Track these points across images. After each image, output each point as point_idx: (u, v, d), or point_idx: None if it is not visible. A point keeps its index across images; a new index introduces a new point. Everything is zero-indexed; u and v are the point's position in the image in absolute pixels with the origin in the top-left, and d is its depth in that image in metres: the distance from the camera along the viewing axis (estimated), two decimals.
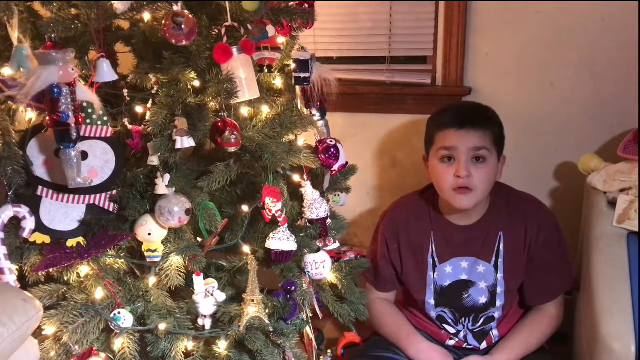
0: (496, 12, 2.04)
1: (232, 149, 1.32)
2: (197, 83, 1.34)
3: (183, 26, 1.25)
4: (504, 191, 1.72)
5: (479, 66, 2.11)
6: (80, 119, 1.19)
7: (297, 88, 1.61)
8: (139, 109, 1.36)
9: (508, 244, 1.67)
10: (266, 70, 1.61)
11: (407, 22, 2.16)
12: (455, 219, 1.70)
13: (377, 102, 2.23)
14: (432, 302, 1.73)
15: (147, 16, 1.32)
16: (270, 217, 1.43)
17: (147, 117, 1.33)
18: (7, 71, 1.22)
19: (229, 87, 1.33)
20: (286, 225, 1.45)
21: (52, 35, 1.14)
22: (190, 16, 1.27)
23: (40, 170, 1.27)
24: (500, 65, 2.08)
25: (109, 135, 1.33)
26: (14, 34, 1.18)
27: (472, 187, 1.56)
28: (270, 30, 1.58)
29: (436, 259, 1.71)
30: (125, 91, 1.33)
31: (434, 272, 1.71)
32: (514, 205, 1.69)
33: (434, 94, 2.15)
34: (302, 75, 1.55)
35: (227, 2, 1.36)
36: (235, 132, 1.32)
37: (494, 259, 1.68)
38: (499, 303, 1.69)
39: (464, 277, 1.70)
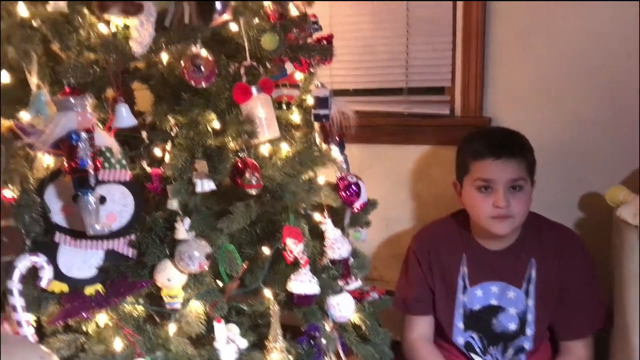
0: (515, 40, 2.02)
1: (253, 191, 1.29)
2: (216, 124, 1.32)
3: (202, 68, 1.23)
4: (535, 217, 1.71)
5: (498, 96, 2.08)
6: (98, 165, 1.16)
7: (316, 123, 1.60)
8: (157, 152, 1.33)
9: (540, 270, 1.65)
10: (284, 107, 1.59)
11: (424, 52, 2.14)
12: (487, 243, 1.69)
13: (394, 133, 2.20)
14: (461, 325, 1.70)
15: (165, 57, 1.30)
16: (292, 259, 1.39)
17: (166, 159, 1.30)
18: (26, 116, 1.20)
19: (249, 128, 1.31)
20: (308, 266, 1.41)
21: (71, 81, 1.12)
22: (210, 58, 1.25)
23: (57, 216, 1.25)
24: (520, 95, 2.05)
25: (127, 178, 1.30)
26: (33, 80, 1.17)
27: (511, 215, 1.56)
28: (289, 67, 1.57)
29: (467, 282, 1.70)
30: (144, 134, 1.31)
31: (463, 295, 1.69)
32: (547, 232, 1.68)
33: (453, 125, 2.12)
34: (322, 112, 1.53)
35: (245, 41, 1.35)
36: (255, 174, 1.29)
37: (524, 284, 1.66)
38: (529, 332, 1.65)
39: (494, 302, 1.68)
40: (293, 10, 1.59)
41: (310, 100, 1.60)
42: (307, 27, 1.62)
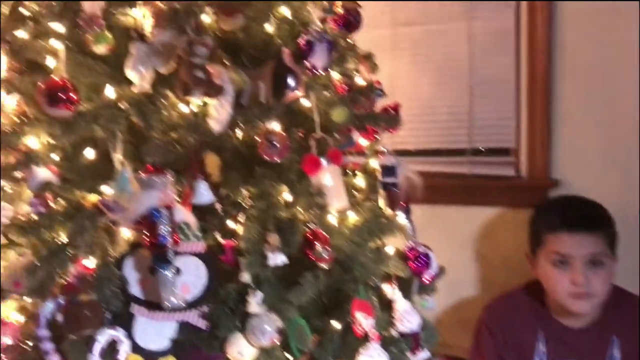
0: (582, 99, 1.98)
1: (324, 265, 1.29)
2: (288, 196, 1.33)
3: (277, 144, 1.26)
4: (617, 291, 1.62)
5: (566, 157, 2.03)
6: (177, 240, 1.19)
7: (379, 186, 1.60)
8: (230, 223, 1.35)
9: (623, 349, 1.56)
10: (350, 174, 1.60)
11: (487, 113, 2.13)
12: (565, 320, 1.62)
13: (457, 195, 2.18)
14: None
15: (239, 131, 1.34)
16: (361, 333, 1.37)
17: (239, 231, 1.32)
18: (109, 191, 1.25)
19: (319, 200, 1.33)
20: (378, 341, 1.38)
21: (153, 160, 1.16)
22: (283, 134, 1.28)
23: (134, 288, 1.27)
24: (588, 156, 1.99)
25: (201, 250, 1.32)
26: (117, 157, 1.22)
27: (591, 293, 1.49)
28: (355, 135, 1.59)
29: None
30: (219, 206, 1.34)
31: None
32: (630, 307, 1.58)
33: (519, 186, 2.08)
34: (390, 180, 1.53)
35: (316, 115, 1.38)
36: (326, 247, 1.29)
37: None
38: None
39: None
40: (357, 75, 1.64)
41: (373, 163, 1.61)
42: (373, 95, 1.65)
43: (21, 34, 1.36)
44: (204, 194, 1.22)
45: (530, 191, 2.05)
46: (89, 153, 1.31)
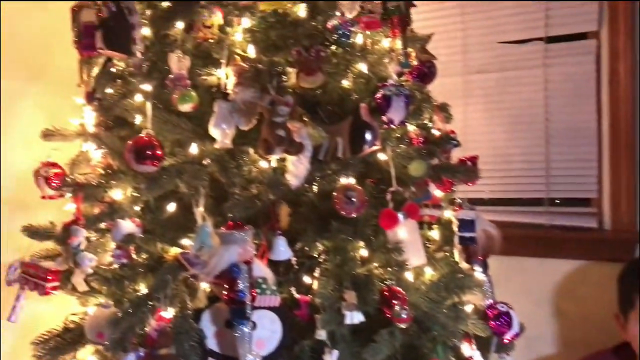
0: None
1: (403, 325, 1.25)
2: (364, 252, 1.31)
3: (354, 200, 1.25)
4: None
5: None
6: (254, 295, 1.19)
7: (456, 240, 1.55)
8: (306, 278, 1.34)
9: None
10: (426, 228, 1.56)
11: (565, 162, 2.04)
12: None
13: (535, 246, 2.08)
14: None
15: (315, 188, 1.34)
16: None
17: (315, 287, 1.31)
18: (189, 243, 1.27)
19: (396, 257, 1.30)
20: None
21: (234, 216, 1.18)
22: (361, 189, 1.27)
23: (211, 342, 1.28)
24: None
25: (276, 304, 1.31)
26: (199, 211, 1.24)
27: None
28: (431, 187, 1.56)
29: None
30: (294, 259, 1.33)
31: None
32: None
33: (602, 239, 1.97)
34: (468, 235, 1.48)
35: (392, 168, 1.37)
36: (405, 306, 1.26)
37: None
38: None
39: None
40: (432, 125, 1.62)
41: (449, 214, 1.57)
42: (449, 146, 1.62)
43: (110, 91, 1.44)
44: (282, 250, 1.22)
45: (615, 244, 1.93)
46: (171, 206, 1.35)
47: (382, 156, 1.39)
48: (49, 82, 1.84)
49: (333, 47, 1.37)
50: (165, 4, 1.34)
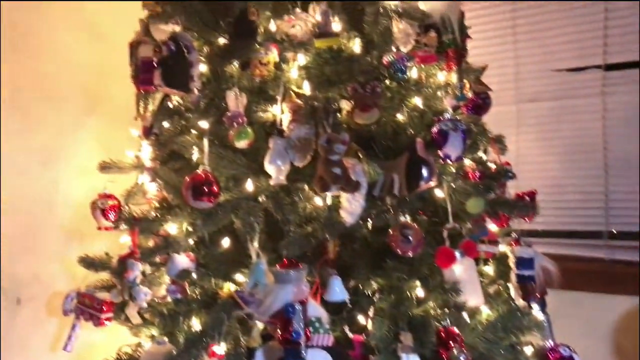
0: None
1: None
2: (420, 292, 1.28)
3: (411, 238, 1.23)
4: None
5: None
6: (308, 334, 1.17)
7: (513, 277, 1.49)
8: (360, 317, 1.32)
9: None
10: (481, 263, 1.52)
11: (625, 193, 1.96)
12: None
13: (593, 281, 1.99)
14: None
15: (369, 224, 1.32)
16: None
17: (369, 326, 1.28)
18: (242, 278, 1.27)
19: (454, 297, 1.26)
20: None
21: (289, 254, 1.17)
22: (418, 228, 1.24)
23: None
24: None
25: (329, 343, 1.29)
26: (254, 248, 1.24)
27: None
28: (488, 223, 1.51)
29: None
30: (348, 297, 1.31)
31: None
32: None
33: None
34: (526, 273, 1.43)
35: (449, 204, 1.34)
36: (463, 349, 1.21)
37: None
38: None
39: None
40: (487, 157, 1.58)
41: (505, 249, 1.52)
42: (504, 179, 1.58)
43: (167, 126, 1.46)
44: (337, 291, 1.20)
45: None
46: (226, 241, 1.35)
47: (438, 192, 1.35)
48: (106, 114, 1.88)
49: (387, 82, 1.36)
50: (222, 41, 1.35)
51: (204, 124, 1.28)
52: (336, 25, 1.32)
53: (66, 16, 1.83)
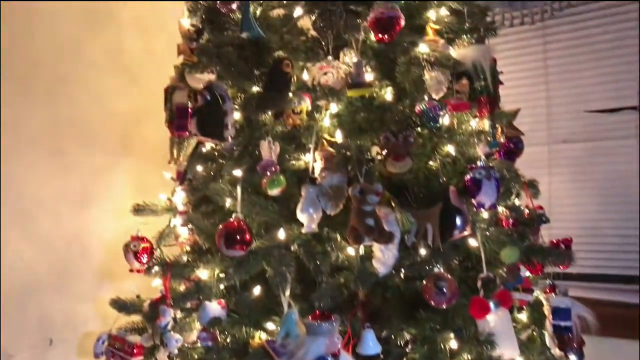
0: None
1: None
2: (454, 343, 1.25)
3: (445, 290, 1.21)
4: None
5: None
6: None
7: (548, 325, 1.46)
8: None
9: None
10: (515, 311, 1.48)
11: None
12: None
13: (631, 328, 1.93)
14: None
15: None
16: None
17: None
18: (273, 327, 1.26)
19: (488, 349, 1.23)
20: None
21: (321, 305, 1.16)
22: (452, 279, 1.22)
23: None
24: None
25: None
26: (285, 297, 1.23)
27: None
28: (523, 271, 1.49)
29: None
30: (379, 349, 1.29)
31: None
32: None
33: None
34: (563, 324, 1.39)
35: (483, 253, 1.32)
36: None
37: None
38: None
39: None
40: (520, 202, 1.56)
41: (540, 296, 1.49)
42: (538, 225, 1.55)
43: (200, 171, 1.48)
44: (370, 345, 1.18)
45: None
46: (257, 289, 1.35)
47: (472, 241, 1.33)
48: (140, 156, 1.91)
49: (419, 129, 1.36)
50: (256, 90, 1.37)
51: (238, 172, 1.29)
52: (368, 75, 1.33)
53: (104, 61, 1.88)
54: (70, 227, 1.79)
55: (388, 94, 1.36)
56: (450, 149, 1.37)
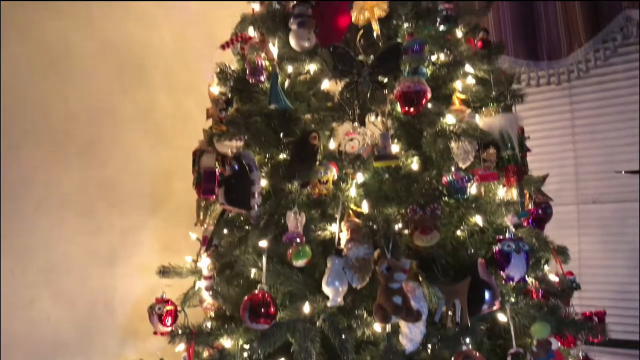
0: None
1: None
2: None
3: None
4: None
5: None
6: None
7: None
8: None
9: None
10: None
11: None
12: None
13: None
14: None
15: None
16: None
17: None
18: None
19: None
20: None
21: None
22: (481, 356, 1.19)
23: None
24: None
25: None
26: None
27: None
28: (554, 343, 1.44)
29: None
30: None
31: None
32: None
33: None
34: None
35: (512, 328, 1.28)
36: None
37: None
38: None
39: None
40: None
41: None
42: (569, 294, 1.51)
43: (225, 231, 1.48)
44: None
45: None
46: None
47: (500, 315, 1.30)
48: (167, 214, 1.93)
49: (446, 198, 1.35)
50: (283, 157, 1.38)
51: (263, 243, 1.29)
52: (395, 146, 1.33)
53: (136, 120, 1.92)
54: (97, 285, 1.80)
55: (414, 164, 1.36)
56: (477, 219, 1.36)
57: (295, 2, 1.38)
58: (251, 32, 1.48)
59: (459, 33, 1.52)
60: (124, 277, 1.84)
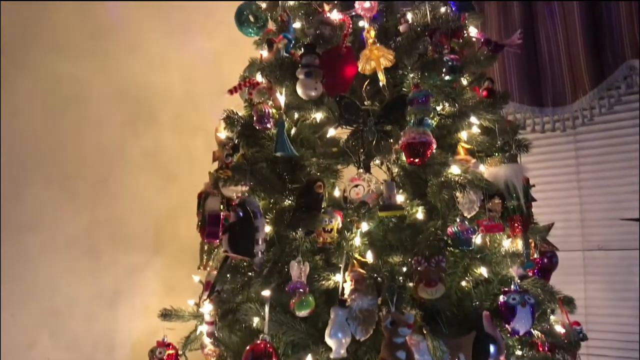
0: None
1: None
2: None
3: None
4: None
5: None
6: None
7: None
8: None
9: None
10: None
11: None
12: None
13: None
14: None
15: None
16: None
17: None
18: None
19: None
20: None
21: None
22: None
23: None
24: None
25: None
26: None
27: None
28: None
29: None
30: None
31: None
32: None
33: None
34: None
35: None
36: None
37: None
38: None
39: None
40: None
41: None
42: (576, 347, 1.49)
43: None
44: None
45: None
46: None
47: None
48: (171, 254, 1.92)
49: (451, 248, 1.34)
50: (288, 202, 1.39)
51: (266, 292, 1.28)
52: (399, 196, 1.33)
53: (143, 161, 1.93)
54: (99, 326, 1.79)
55: (419, 213, 1.36)
56: (483, 270, 1.35)
57: (302, 51, 1.40)
58: (259, 77, 1.50)
59: (464, 82, 1.54)
60: (126, 318, 1.83)
